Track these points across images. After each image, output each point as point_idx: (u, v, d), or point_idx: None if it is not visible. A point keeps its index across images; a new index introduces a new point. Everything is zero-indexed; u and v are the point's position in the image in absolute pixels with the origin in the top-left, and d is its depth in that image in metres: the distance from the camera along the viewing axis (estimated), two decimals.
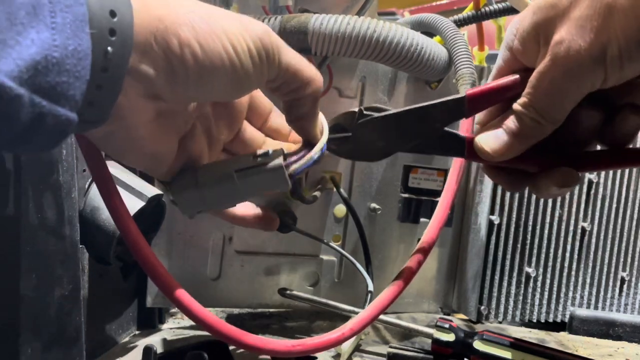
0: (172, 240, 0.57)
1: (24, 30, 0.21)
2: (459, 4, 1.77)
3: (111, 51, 0.25)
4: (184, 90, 0.29)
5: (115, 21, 0.25)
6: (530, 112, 0.34)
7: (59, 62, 0.22)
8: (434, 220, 0.48)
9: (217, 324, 0.36)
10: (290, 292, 0.59)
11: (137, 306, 0.57)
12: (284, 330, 0.61)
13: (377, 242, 0.65)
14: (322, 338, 0.41)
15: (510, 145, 0.36)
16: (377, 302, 0.45)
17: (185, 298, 0.36)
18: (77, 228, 0.41)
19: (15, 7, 0.20)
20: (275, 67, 0.32)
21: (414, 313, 0.68)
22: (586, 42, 0.30)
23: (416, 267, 0.46)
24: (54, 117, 0.23)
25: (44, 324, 0.38)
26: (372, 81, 0.62)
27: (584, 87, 0.32)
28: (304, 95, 0.34)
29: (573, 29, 0.31)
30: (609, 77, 0.31)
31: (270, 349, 0.38)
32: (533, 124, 0.34)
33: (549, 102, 0.33)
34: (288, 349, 0.39)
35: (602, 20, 0.30)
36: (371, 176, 0.64)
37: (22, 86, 0.21)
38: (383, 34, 0.50)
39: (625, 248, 0.71)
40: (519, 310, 0.67)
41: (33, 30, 0.21)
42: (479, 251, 0.66)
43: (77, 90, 0.23)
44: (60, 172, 0.39)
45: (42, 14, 0.21)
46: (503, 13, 0.65)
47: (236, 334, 0.36)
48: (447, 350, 0.50)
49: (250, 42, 0.30)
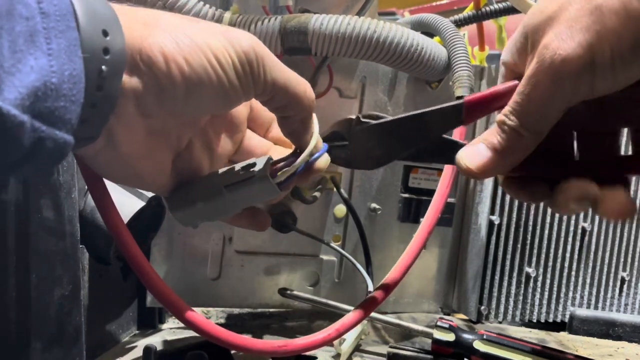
0: (172, 240, 0.57)
1: (23, 58, 0.21)
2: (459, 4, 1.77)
3: (105, 70, 0.26)
4: (172, 105, 0.30)
5: (109, 40, 0.26)
6: (512, 121, 0.31)
7: (56, 88, 0.23)
8: (423, 224, 0.49)
9: (205, 326, 0.37)
10: (290, 292, 0.59)
11: (137, 306, 0.57)
12: (284, 330, 0.61)
13: (377, 242, 0.65)
14: (308, 339, 0.42)
15: (493, 162, 0.33)
16: (366, 303, 0.45)
17: (174, 300, 0.36)
18: (77, 228, 0.41)
19: (15, 35, 0.21)
20: (261, 81, 0.31)
21: (414, 313, 0.68)
22: (574, 44, 0.28)
23: (409, 263, 0.46)
24: (52, 141, 0.23)
25: (44, 324, 0.38)
26: (372, 81, 0.62)
27: (571, 94, 0.29)
28: (292, 114, 0.34)
29: (561, 31, 0.29)
30: (599, 83, 0.29)
31: (257, 349, 0.39)
32: (514, 136, 0.32)
33: (532, 110, 0.31)
34: (274, 349, 0.40)
35: (592, 21, 0.27)
36: (371, 176, 0.64)
37: (25, 113, 0.21)
38: (383, 34, 0.50)
39: (625, 248, 0.71)
40: (519, 310, 0.67)
41: (31, 57, 0.22)
42: (479, 251, 0.66)
43: (73, 114, 0.24)
44: (60, 172, 0.39)
45: (38, 40, 0.22)
46: (503, 13, 0.65)
47: (224, 335, 0.37)
48: (447, 350, 0.50)
49: (234, 56, 0.30)
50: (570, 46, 0.28)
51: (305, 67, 0.56)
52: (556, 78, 0.29)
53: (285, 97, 0.33)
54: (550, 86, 0.29)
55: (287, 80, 0.32)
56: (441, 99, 0.63)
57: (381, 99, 0.62)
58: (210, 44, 0.29)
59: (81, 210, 0.45)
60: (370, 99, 0.62)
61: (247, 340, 0.39)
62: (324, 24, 0.49)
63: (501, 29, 0.77)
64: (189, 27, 0.30)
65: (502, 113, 0.32)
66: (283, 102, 0.33)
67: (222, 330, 0.37)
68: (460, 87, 0.53)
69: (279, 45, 0.50)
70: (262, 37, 0.50)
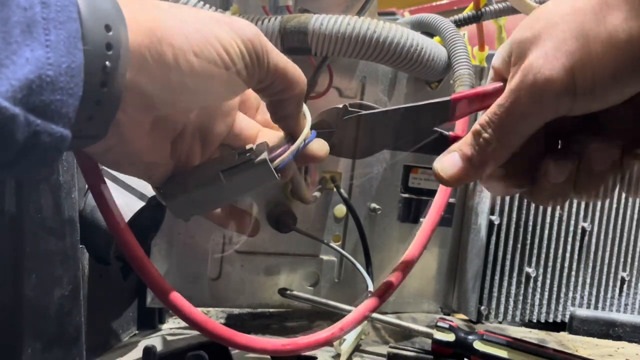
0: (173, 240, 0.57)
1: (18, 49, 0.21)
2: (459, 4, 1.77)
3: (109, 66, 0.25)
4: (180, 99, 0.30)
5: (111, 35, 0.25)
6: (488, 134, 0.32)
7: (52, 81, 0.22)
8: (425, 224, 0.49)
9: (208, 325, 0.37)
10: (290, 292, 0.58)
11: (137, 306, 0.57)
12: (284, 330, 0.61)
13: (377, 242, 0.65)
14: (312, 337, 0.41)
15: (465, 172, 0.34)
16: (368, 301, 0.45)
17: (177, 300, 0.36)
18: (77, 228, 0.41)
19: (11, 26, 0.20)
20: (264, 68, 0.32)
21: (414, 313, 0.68)
22: (558, 65, 0.28)
23: (411, 262, 0.46)
24: (48, 135, 0.22)
25: (44, 324, 0.38)
26: (372, 81, 0.62)
27: (548, 113, 0.30)
28: (288, 97, 0.34)
29: (546, 51, 0.29)
30: (577, 105, 0.29)
31: (260, 348, 0.39)
32: (487, 148, 0.32)
33: (509, 123, 0.31)
34: (278, 348, 0.39)
35: (577, 46, 0.28)
36: (371, 176, 0.64)
37: (17, 105, 0.21)
38: (383, 34, 0.50)
39: (625, 248, 0.71)
40: (519, 310, 0.67)
41: (27, 49, 0.21)
42: (479, 251, 0.66)
43: (70, 108, 0.23)
44: (60, 172, 0.39)
45: (36, 31, 0.21)
46: (503, 13, 0.65)
47: (228, 334, 0.37)
48: (447, 351, 0.50)
49: (242, 45, 0.30)
50: (554, 67, 0.29)
51: (305, 67, 0.56)
52: (536, 96, 0.29)
53: (284, 81, 0.33)
54: (530, 103, 0.30)
55: (286, 64, 0.33)
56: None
57: (381, 99, 0.62)
58: (218, 36, 0.29)
59: (81, 210, 0.45)
60: (370, 99, 0.62)
61: (251, 339, 0.38)
62: (324, 24, 0.49)
63: (501, 29, 0.77)
64: (196, 18, 0.30)
65: (479, 123, 0.33)
66: (282, 87, 0.34)
67: (225, 329, 0.37)
68: (461, 85, 0.53)
69: (279, 45, 0.50)
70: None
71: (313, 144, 0.38)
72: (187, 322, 0.37)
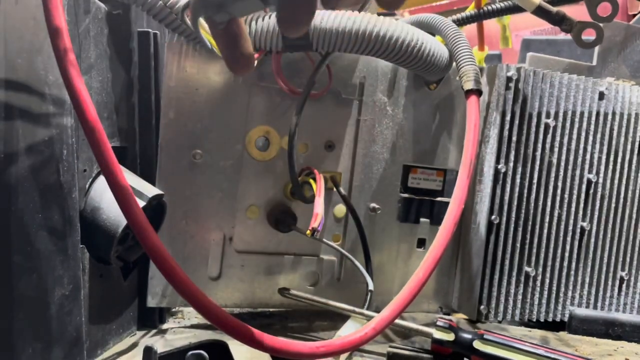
0: (173, 240, 0.57)
1: None
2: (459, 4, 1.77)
3: None
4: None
5: None
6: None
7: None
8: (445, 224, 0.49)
9: (234, 324, 0.34)
10: (291, 292, 0.59)
11: (137, 306, 0.57)
12: (285, 330, 0.61)
13: (377, 242, 0.65)
14: (345, 339, 0.40)
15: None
16: (397, 301, 0.45)
17: (200, 296, 0.34)
18: (77, 228, 0.42)
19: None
20: None
21: (413, 313, 0.68)
22: None
23: (434, 265, 0.45)
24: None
25: (45, 324, 0.38)
26: (372, 81, 0.62)
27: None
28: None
29: None
30: None
31: (295, 351, 0.37)
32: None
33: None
34: (313, 351, 0.38)
35: None
36: (371, 176, 0.64)
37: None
38: (383, 30, 0.50)
39: (624, 248, 0.71)
40: (519, 310, 0.67)
41: None
42: (478, 251, 0.66)
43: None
44: (60, 172, 0.39)
45: None
46: (506, 12, 0.65)
47: (255, 335, 0.35)
48: (447, 350, 0.50)
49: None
50: None
51: (305, 67, 0.57)
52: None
53: None
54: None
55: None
56: (440, 99, 0.64)
57: (381, 99, 0.62)
58: None
59: (81, 210, 0.45)
60: (369, 99, 0.62)
61: (283, 342, 0.36)
62: (325, 20, 0.49)
63: (505, 28, 0.77)
64: None
65: None
66: None
67: (251, 329, 0.35)
68: (467, 81, 0.54)
69: (280, 41, 0.50)
70: (263, 33, 0.50)
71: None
72: (210, 321, 0.34)
